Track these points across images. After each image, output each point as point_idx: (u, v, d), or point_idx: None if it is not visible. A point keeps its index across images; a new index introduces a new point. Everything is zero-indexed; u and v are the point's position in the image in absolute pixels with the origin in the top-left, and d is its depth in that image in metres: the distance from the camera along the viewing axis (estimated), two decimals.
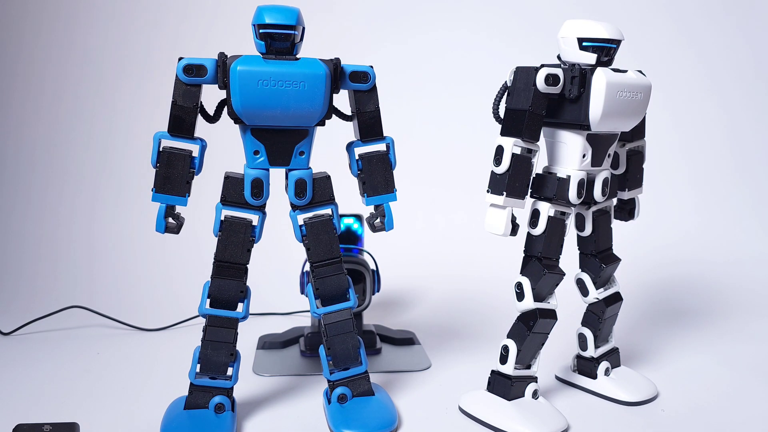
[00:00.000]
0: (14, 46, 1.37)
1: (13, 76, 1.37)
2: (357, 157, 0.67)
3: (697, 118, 1.39)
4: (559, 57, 0.67)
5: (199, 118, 0.64)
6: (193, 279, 1.13)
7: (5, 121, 1.37)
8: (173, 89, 0.61)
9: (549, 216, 0.67)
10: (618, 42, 0.64)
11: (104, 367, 0.83)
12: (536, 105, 0.63)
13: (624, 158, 0.74)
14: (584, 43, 0.64)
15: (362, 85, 0.65)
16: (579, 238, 0.74)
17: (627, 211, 0.77)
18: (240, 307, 0.66)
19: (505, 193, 0.64)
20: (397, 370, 0.82)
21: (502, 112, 0.66)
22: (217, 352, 0.65)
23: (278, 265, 1.11)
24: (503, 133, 0.65)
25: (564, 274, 0.68)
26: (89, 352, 0.88)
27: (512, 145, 0.64)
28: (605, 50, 0.64)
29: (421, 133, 1.36)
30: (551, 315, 0.68)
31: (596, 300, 0.74)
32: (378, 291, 0.87)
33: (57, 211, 1.33)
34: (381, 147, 0.67)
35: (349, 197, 0.99)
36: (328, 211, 0.67)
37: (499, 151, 0.64)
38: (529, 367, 0.69)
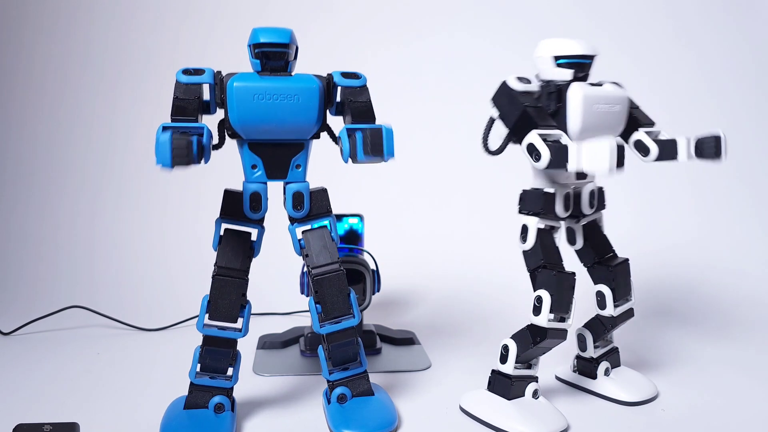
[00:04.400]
0: (15, 47, 1.37)
1: (13, 76, 1.38)
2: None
3: (697, 119, 1.39)
4: (537, 76, 0.68)
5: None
6: (193, 279, 1.14)
7: (6, 122, 1.37)
8: (173, 90, 0.61)
9: (538, 228, 0.67)
10: (592, 57, 0.66)
11: (104, 367, 0.83)
12: (526, 100, 0.64)
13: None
14: (559, 61, 0.65)
15: (353, 81, 0.65)
16: (578, 254, 0.74)
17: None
18: (240, 322, 0.66)
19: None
20: (397, 370, 0.82)
21: (491, 145, 0.68)
22: (216, 361, 0.66)
23: (278, 265, 1.11)
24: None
25: (574, 274, 0.68)
26: (89, 352, 0.88)
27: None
28: (580, 66, 0.65)
29: (421, 134, 1.36)
30: (561, 335, 0.68)
31: (611, 316, 0.73)
32: (378, 291, 0.87)
33: (57, 212, 1.33)
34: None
35: (349, 197, 0.99)
36: (326, 222, 0.67)
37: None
38: (529, 366, 0.69)
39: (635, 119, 0.71)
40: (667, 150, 0.69)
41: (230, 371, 0.67)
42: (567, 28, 1.37)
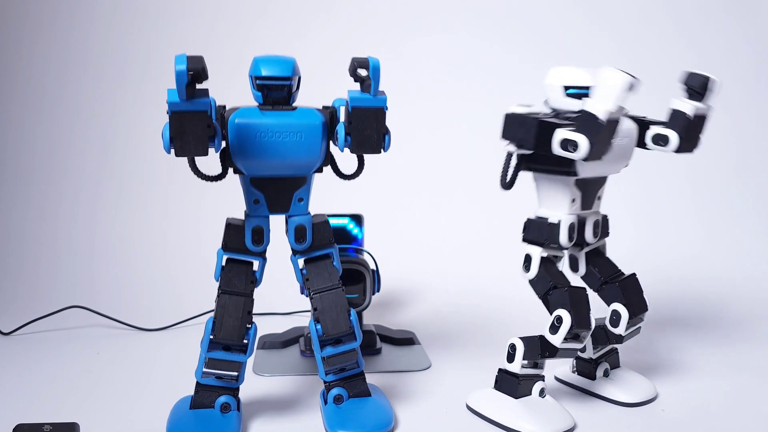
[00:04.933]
0: (14, 46, 1.37)
1: (13, 75, 1.38)
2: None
3: None
4: (546, 102, 0.68)
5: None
6: (193, 279, 1.14)
7: (5, 121, 1.37)
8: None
9: (542, 257, 0.68)
10: None
11: (104, 367, 0.83)
12: (536, 115, 0.63)
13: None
14: (569, 91, 0.65)
15: None
16: (584, 279, 0.74)
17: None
18: (244, 341, 0.65)
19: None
20: (397, 370, 0.82)
21: (508, 181, 0.68)
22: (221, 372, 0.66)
23: (278, 265, 1.11)
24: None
25: (585, 289, 0.68)
26: (89, 352, 0.88)
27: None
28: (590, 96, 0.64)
29: (421, 134, 1.36)
30: (571, 354, 0.68)
31: (620, 335, 0.73)
32: (378, 291, 0.87)
33: (57, 211, 1.33)
34: None
35: (349, 197, 0.98)
36: (328, 253, 0.67)
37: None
38: (536, 365, 0.69)
39: (645, 123, 0.70)
40: (677, 120, 0.67)
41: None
42: (567, 29, 1.37)
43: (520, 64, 1.36)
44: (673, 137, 0.67)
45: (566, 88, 0.65)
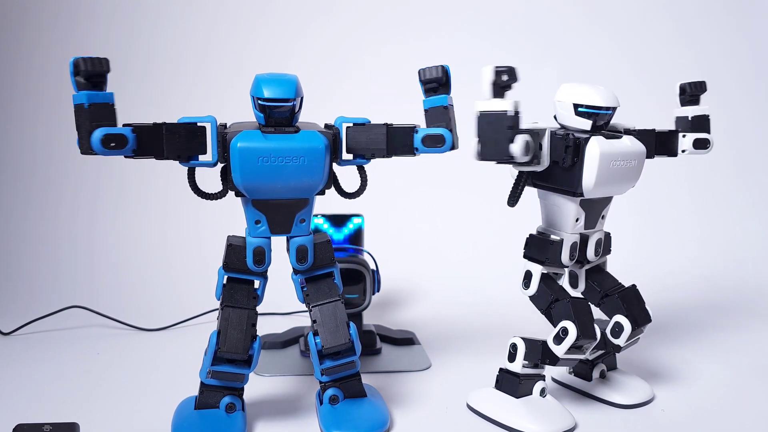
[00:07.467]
0: (14, 45, 1.37)
1: (13, 75, 1.38)
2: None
3: None
4: (555, 117, 0.68)
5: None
6: (193, 279, 1.14)
7: (5, 121, 1.37)
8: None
9: (542, 273, 0.68)
10: (613, 109, 0.65)
11: (104, 368, 0.83)
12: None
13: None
14: (579, 109, 0.64)
15: (358, 120, 0.66)
16: (584, 295, 0.73)
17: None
18: (249, 354, 0.65)
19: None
20: (397, 370, 0.82)
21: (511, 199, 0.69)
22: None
23: (278, 265, 1.11)
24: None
25: (586, 299, 0.68)
26: (89, 352, 0.88)
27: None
28: (600, 116, 0.64)
29: None
30: (571, 363, 0.68)
31: (619, 346, 0.72)
32: (378, 291, 0.87)
33: (57, 211, 1.33)
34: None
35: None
36: (329, 272, 0.67)
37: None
38: (536, 365, 0.69)
39: (668, 134, 0.73)
40: (702, 123, 0.75)
41: None
42: (567, 29, 1.37)
43: (520, 65, 1.35)
44: (711, 140, 0.74)
45: (577, 106, 0.64)
